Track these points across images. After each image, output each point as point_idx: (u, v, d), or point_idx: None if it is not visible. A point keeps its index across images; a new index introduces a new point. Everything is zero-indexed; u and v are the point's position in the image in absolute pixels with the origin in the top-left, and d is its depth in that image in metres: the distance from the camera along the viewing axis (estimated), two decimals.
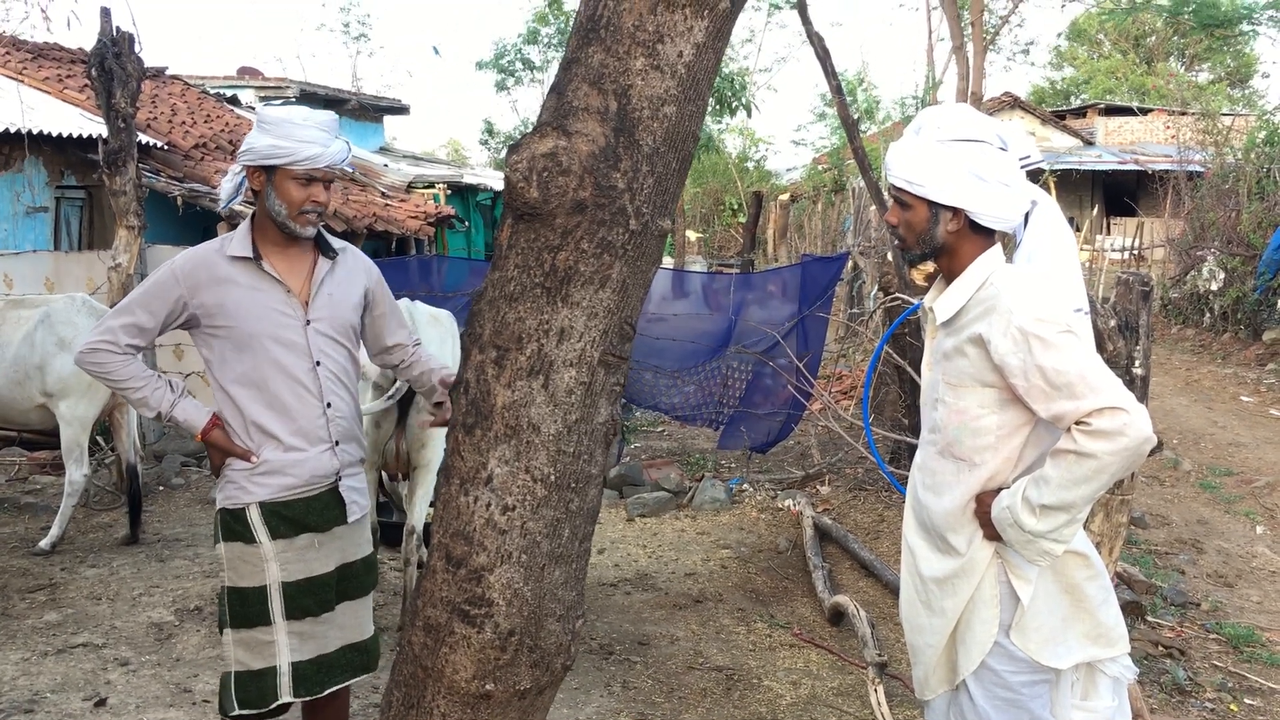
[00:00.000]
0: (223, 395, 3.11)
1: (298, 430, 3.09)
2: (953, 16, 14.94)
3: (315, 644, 3.15)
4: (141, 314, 3.06)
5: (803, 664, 4.87)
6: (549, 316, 2.09)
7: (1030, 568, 2.53)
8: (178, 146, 13.49)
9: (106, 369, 3.07)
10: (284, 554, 3.09)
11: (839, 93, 6.78)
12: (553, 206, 2.05)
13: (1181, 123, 21.00)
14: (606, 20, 2.10)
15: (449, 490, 2.20)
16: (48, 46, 15.74)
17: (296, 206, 3.04)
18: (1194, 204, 17.17)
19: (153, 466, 7.79)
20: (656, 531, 6.82)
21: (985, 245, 2.57)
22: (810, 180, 26.96)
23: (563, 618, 2.24)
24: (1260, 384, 12.63)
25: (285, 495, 3.10)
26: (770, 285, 8.56)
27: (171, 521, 6.85)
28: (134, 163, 6.95)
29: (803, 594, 5.74)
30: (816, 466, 7.82)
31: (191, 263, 3.06)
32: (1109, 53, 42.12)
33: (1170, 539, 7.16)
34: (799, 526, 6.59)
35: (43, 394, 6.13)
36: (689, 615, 5.40)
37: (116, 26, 6.85)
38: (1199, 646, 5.30)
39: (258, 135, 3.04)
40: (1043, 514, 2.39)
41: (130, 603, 5.35)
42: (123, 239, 7.05)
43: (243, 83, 22.20)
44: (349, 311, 3.21)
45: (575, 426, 2.14)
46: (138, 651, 4.75)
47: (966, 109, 2.62)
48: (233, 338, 3.06)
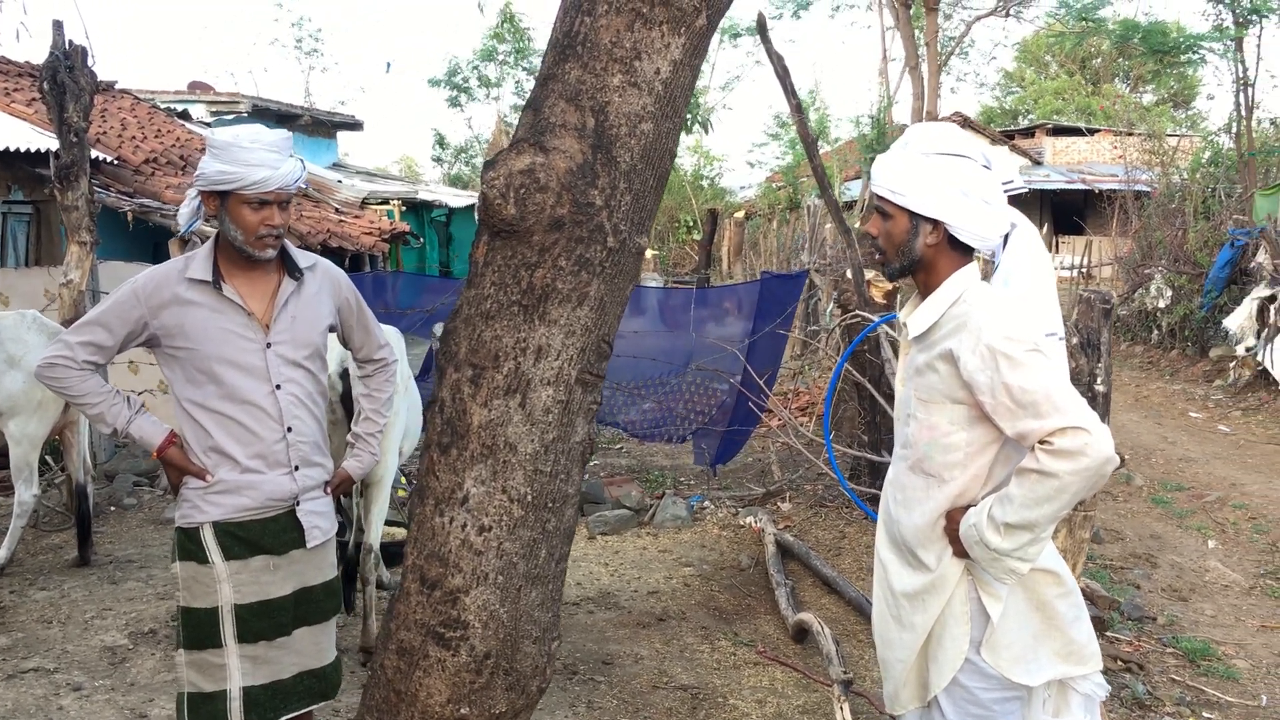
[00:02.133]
0: (182, 414, 3.06)
1: (256, 453, 3.05)
2: (907, 37, 15.11)
3: (270, 669, 3.09)
4: (101, 331, 3.01)
5: (768, 682, 4.85)
6: (526, 334, 2.07)
7: (1000, 585, 2.53)
8: (128, 161, 13.31)
9: (64, 384, 3.01)
10: (237, 575, 3.04)
11: (798, 111, 6.82)
12: (530, 224, 2.03)
13: (1128, 143, 21.38)
14: (584, 37, 2.09)
15: (423, 511, 2.16)
16: None
17: (252, 231, 2.99)
18: (1141, 223, 17.47)
19: (104, 486, 7.63)
20: (618, 549, 6.78)
21: (962, 262, 2.57)
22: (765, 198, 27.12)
23: (539, 639, 2.21)
24: (1208, 400, 12.83)
25: (240, 516, 3.05)
26: (729, 302, 8.57)
27: (124, 542, 6.72)
28: (86, 178, 6.83)
29: (766, 611, 5.73)
30: (777, 483, 7.83)
31: (153, 283, 3.01)
32: (1056, 74, 42.81)
33: (1125, 554, 7.23)
34: (761, 543, 6.58)
35: None
36: (653, 634, 5.37)
37: (69, 39, 6.74)
38: (1156, 660, 5.34)
39: (209, 160, 3.00)
40: (1007, 532, 2.39)
41: (82, 626, 5.23)
42: (74, 255, 6.92)
43: (194, 97, 21.97)
44: (314, 333, 3.16)
45: (553, 445, 2.12)
46: (91, 676, 4.64)
47: (953, 127, 2.64)
48: (192, 360, 3.01)
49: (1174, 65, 19.26)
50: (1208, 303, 14.39)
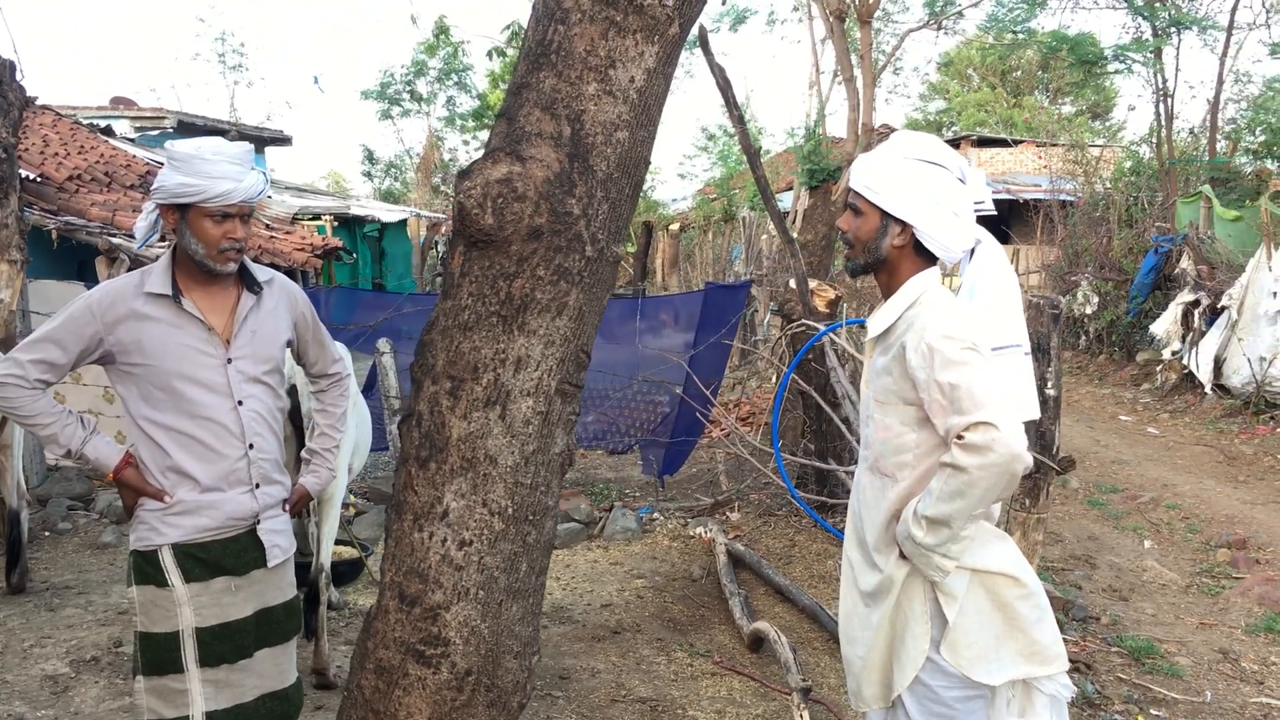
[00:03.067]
0: (139, 434, 2.98)
1: (217, 472, 2.98)
2: (842, 50, 15.28)
3: (232, 692, 3.02)
4: (54, 349, 2.91)
5: (725, 692, 4.85)
6: (505, 345, 2.05)
7: (956, 585, 2.57)
8: (51, 179, 13.00)
9: (14, 404, 2.91)
10: (198, 598, 2.96)
11: (740, 123, 6.86)
12: (508, 233, 2.01)
13: (1052, 153, 21.82)
14: (558, 45, 2.08)
15: (401, 527, 2.12)
16: None
17: (214, 245, 2.93)
18: (1067, 231, 17.82)
19: (37, 511, 7.41)
20: (569, 563, 6.74)
21: (923, 268, 2.63)
22: (700, 210, 27.24)
23: (520, 654, 2.18)
24: (1136, 403, 13.12)
25: (200, 537, 2.98)
26: (672, 313, 8.59)
27: (60, 568, 6.52)
28: (16, 194, 6.65)
29: (720, 621, 5.73)
30: (725, 493, 7.85)
31: (109, 298, 2.93)
32: (978, 86, 43.58)
33: (1064, 555, 7.35)
34: (712, 554, 6.59)
35: None
36: (608, 647, 5.34)
37: None
38: (1103, 660, 5.43)
39: (169, 173, 2.93)
40: (929, 527, 2.44)
41: (21, 655, 5.07)
42: (4, 274, 6.72)
43: (117, 113, 21.56)
44: (273, 348, 3.11)
45: (533, 458, 2.09)
46: (33, 706, 4.50)
47: (935, 140, 2.68)
48: (150, 376, 2.93)
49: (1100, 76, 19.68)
50: (1134, 308, 14.72)
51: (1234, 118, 18.86)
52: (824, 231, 10.86)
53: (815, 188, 11.72)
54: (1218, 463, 10.04)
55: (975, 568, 2.58)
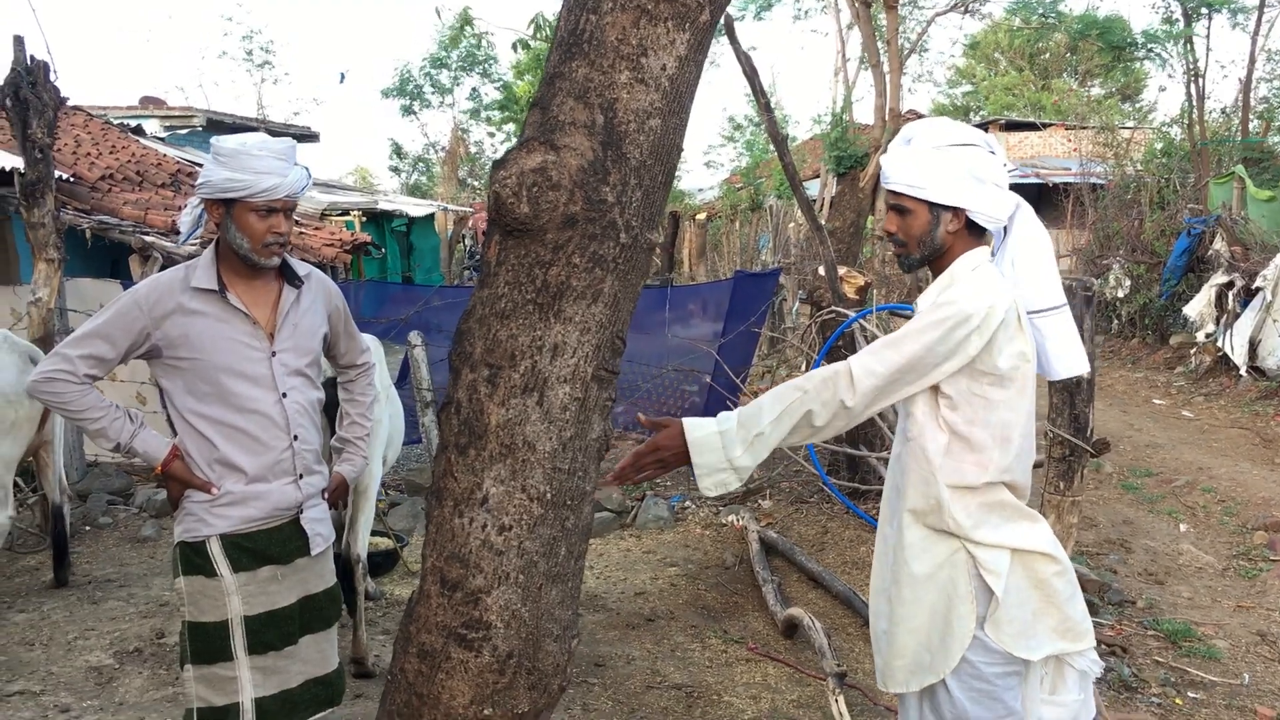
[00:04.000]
0: (185, 427, 3.02)
1: (263, 464, 3.03)
2: (868, 35, 15.22)
3: (278, 679, 3.08)
4: (102, 344, 2.96)
5: (760, 678, 4.87)
6: (542, 333, 2.07)
7: (1000, 563, 2.58)
8: (84, 178, 13.15)
9: (64, 399, 2.95)
10: (246, 587, 3.02)
11: (768, 110, 6.86)
12: (543, 222, 2.04)
13: (1081, 136, 21.63)
14: (589, 35, 2.10)
15: (441, 513, 2.16)
16: None
17: (259, 239, 2.97)
18: (1098, 214, 17.68)
19: (78, 506, 7.52)
20: (602, 552, 6.78)
21: (975, 244, 2.68)
22: (726, 199, 27.20)
23: (559, 638, 2.21)
24: (1170, 387, 13.01)
25: (247, 527, 3.03)
26: (702, 302, 8.60)
27: (101, 562, 6.63)
28: (52, 194, 6.75)
29: (754, 608, 5.75)
30: (756, 481, 7.86)
31: (156, 293, 2.97)
32: (1005, 70, 43.24)
33: (1099, 540, 7.33)
34: (744, 541, 6.61)
35: None
36: (642, 634, 5.38)
37: (31, 55, 6.65)
38: (1139, 643, 5.42)
39: (214, 168, 2.97)
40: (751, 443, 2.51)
41: (65, 647, 5.16)
42: (42, 273, 6.82)
43: (147, 112, 21.76)
44: (313, 340, 3.17)
45: (570, 443, 2.12)
46: (78, 697, 4.58)
47: (951, 121, 2.71)
48: (197, 370, 2.98)
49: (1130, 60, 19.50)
50: (1166, 291, 14.59)
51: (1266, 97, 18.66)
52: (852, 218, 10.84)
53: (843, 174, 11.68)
54: (1254, 445, 9.95)
55: (1015, 546, 2.61)
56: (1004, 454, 2.60)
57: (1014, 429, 2.61)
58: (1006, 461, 2.60)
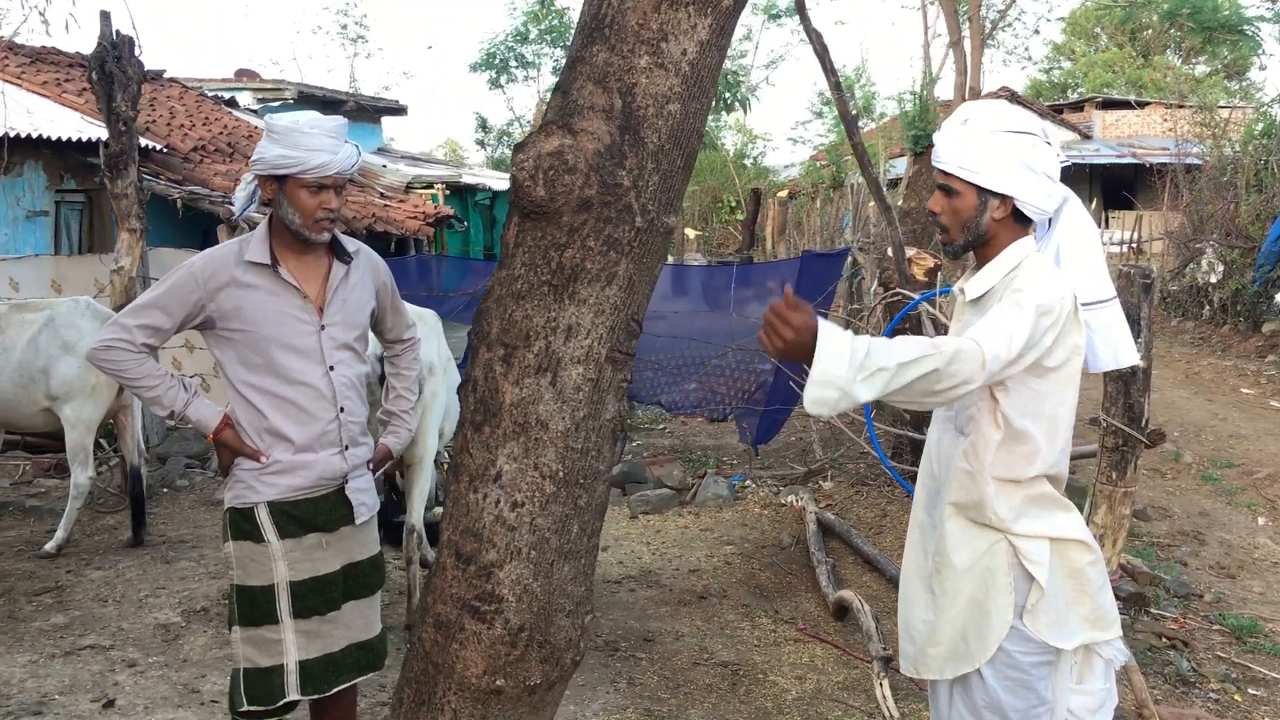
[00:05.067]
0: (236, 396, 3.12)
1: (310, 434, 3.11)
2: (949, 12, 14.93)
3: (322, 643, 3.17)
4: (158, 314, 3.06)
5: (808, 659, 4.88)
6: (556, 314, 2.11)
7: (1041, 552, 2.57)
8: (176, 149, 13.51)
9: (121, 367, 3.06)
10: (292, 553, 3.11)
11: (837, 89, 6.79)
12: (559, 204, 2.07)
13: (1179, 115, 20.99)
14: (611, 19, 2.12)
15: (458, 487, 2.21)
16: (46, 50, 15.73)
17: (310, 215, 3.05)
18: (1192, 197, 17.17)
19: (157, 468, 7.79)
20: (660, 529, 6.83)
21: (1021, 233, 2.64)
22: (809, 177, 26.97)
23: (572, 613, 2.25)
24: (1260, 376, 12.64)
25: (293, 495, 3.11)
26: (770, 281, 8.56)
27: (176, 523, 6.86)
28: (135, 166, 6.96)
29: (807, 589, 5.75)
30: (819, 462, 7.84)
31: (211, 265, 3.07)
32: (1106, 46, 42.11)
33: (1172, 531, 7.18)
34: (802, 522, 6.61)
35: (47, 397, 6.14)
36: (693, 611, 5.42)
37: (116, 30, 6.86)
38: (1202, 638, 5.31)
39: (267, 144, 3.05)
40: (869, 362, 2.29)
41: (137, 604, 5.37)
42: (125, 242, 7.06)
43: (240, 85, 22.23)
44: (361, 315, 3.24)
45: (583, 423, 2.16)
46: (145, 653, 4.77)
47: (1010, 105, 2.68)
48: (248, 341, 3.07)
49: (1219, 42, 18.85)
50: (1260, 277, 14.14)
51: None
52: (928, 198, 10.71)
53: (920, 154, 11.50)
54: None
55: (1054, 536, 2.59)
56: (1052, 447, 2.57)
57: (1061, 422, 2.58)
58: (1054, 455, 2.59)
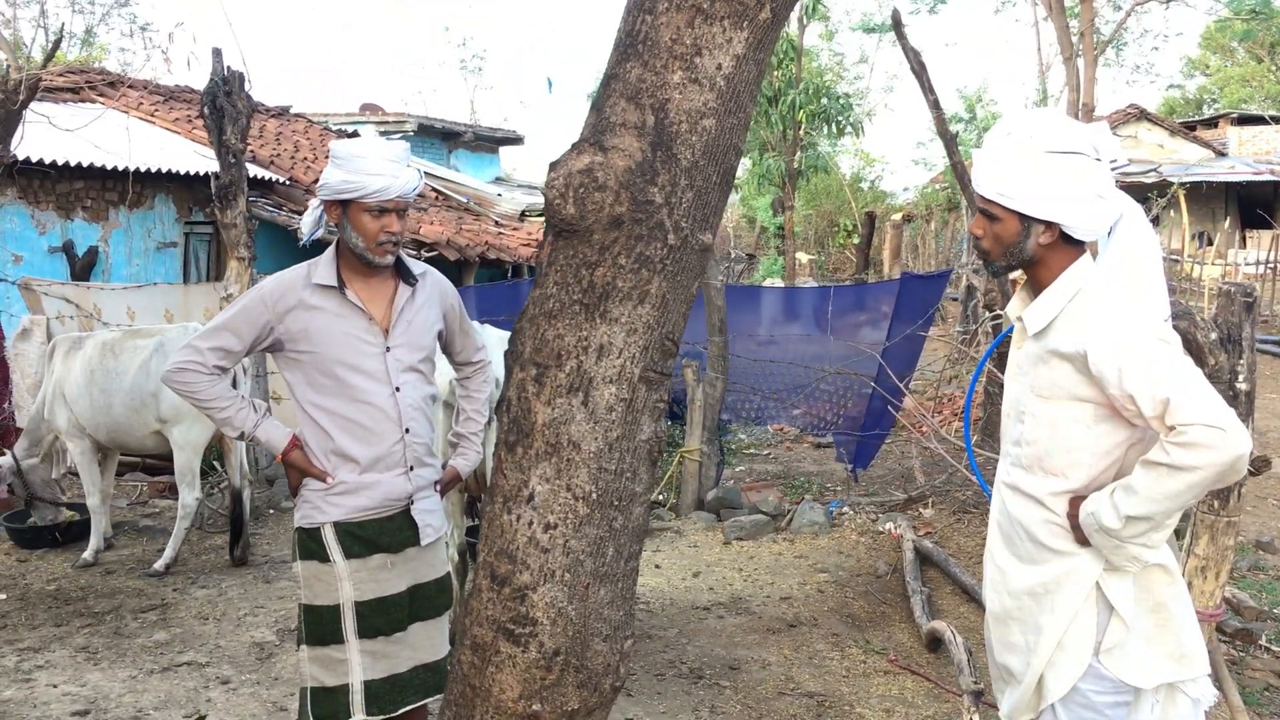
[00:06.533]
0: (304, 417, 3.18)
1: (376, 455, 3.14)
2: (1061, 27, 14.52)
3: (387, 663, 3.18)
4: (229, 337, 3.14)
5: (897, 691, 4.74)
6: (588, 333, 2.08)
7: (1125, 586, 2.44)
8: (299, 181, 13.95)
9: (193, 388, 3.14)
10: (357, 574, 3.13)
11: (936, 107, 6.67)
12: (589, 223, 2.04)
13: None
14: (644, 35, 2.10)
15: (493, 508, 2.20)
16: (179, 89, 16.46)
17: (372, 238, 3.09)
18: None
19: (264, 490, 8.00)
20: (753, 555, 6.73)
21: (1075, 255, 2.49)
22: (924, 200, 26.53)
23: (609, 638, 2.21)
24: None
25: (359, 516, 3.14)
26: (870, 304, 8.42)
27: (280, 544, 7.03)
28: (244, 196, 7.20)
29: (900, 619, 5.60)
30: (919, 489, 7.64)
31: (280, 288, 3.14)
32: (1243, 61, 40.56)
33: (1278, 559, 6.80)
34: (899, 550, 6.44)
35: (158, 420, 6.36)
36: (782, 640, 5.32)
37: (228, 66, 7.12)
38: None
39: (331, 170, 3.11)
40: (1128, 523, 2.31)
41: (235, 622, 5.50)
42: (234, 270, 7.30)
43: (363, 118, 22.88)
44: (427, 337, 3.27)
45: (617, 444, 2.12)
46: (239, 670, 4.87)
47: (1058, 115, 2.55)
48: (315, 363, 3.12)
49: None
50: None
51: None
52: None
53: None
54: None
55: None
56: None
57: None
58: None
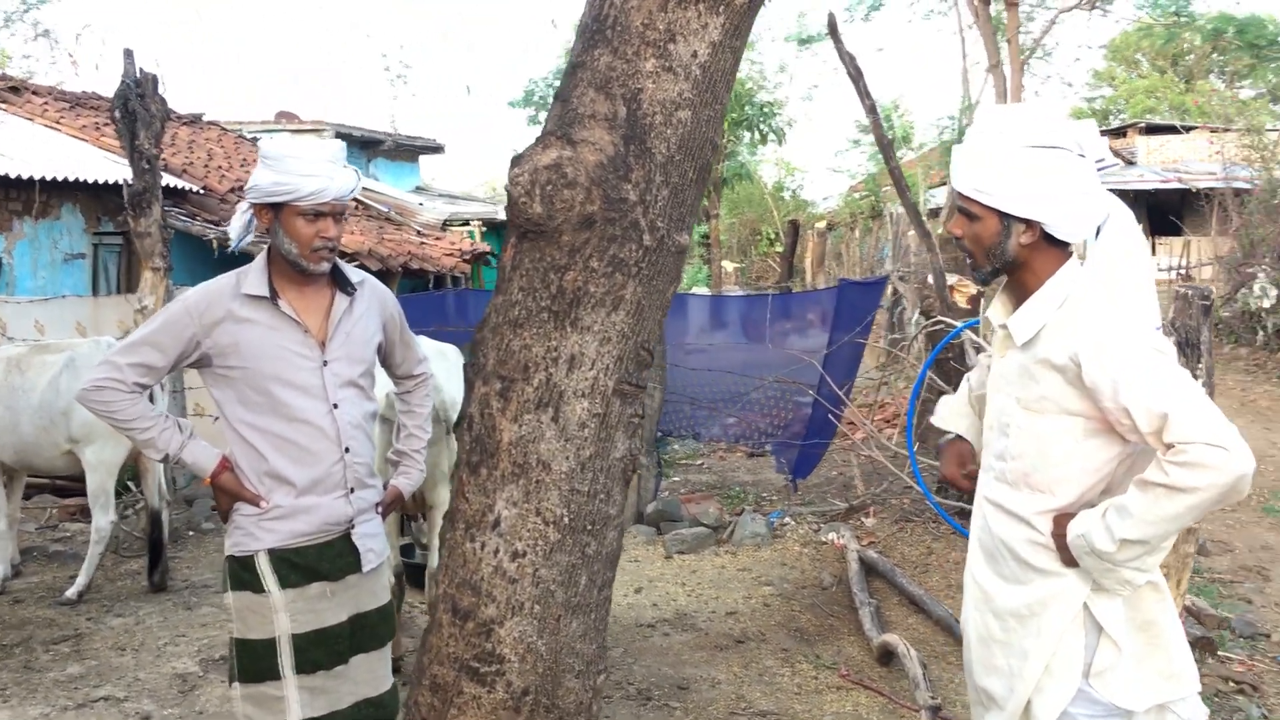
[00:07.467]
0: (235, 438, 2.95)
1: (313, 476, 2.93)
2: (988, 35, 14.68)
3: (328, 699, 2.97)
4: (151, 352, 2.91)
5: (851, 707, 4.62)
6: (557, 343, 1.91)
7: (1114, 606, 2.33)
8: (214, 190, 13.54)
9: (112, 408, 2.90)
10: (294, 604, 2.92)
11: (873, 112, 6.60)
12: (558, 222, 1.88)
13: (1226, 139, 20.56)
14: (613, 20, 1.94)
15: (454, 536, 2.01)
16: (86, 95, 15.91)
17: (307, 244, 2.88)
18: (1243, 221, 16.76)
19: (183, 511, 7.66)
20: (696, 569, 6.59)
21: (1060, 258, 2.36)
22: (847, 207, 26.74)
23: (582, 673, 2.04)
24: None
25: (295, 542, 2.93)
26: (807, 311, 8.36)
27: (201, 568, 6.71)
28: (159, 204, 6.89)
29: (849, 632, 5.49)
30: (860, 498, 7.57)
31: (206, 299, 2.91)
32: (1147, 72, 41.62)
33: (1235, 566, 6.85)
34: (843, 561, 6.35)
35: (69, 439, 6.02)
36: (731, 656, 5.18)
37: (140, 68, 6.80)
38: (1272, 680, 5.00)
39: (261, 171, 2.90)
40: (1123, 546, 2.18)
41: (155, 653, 5.20)
42: (148, 281, 6.97)
43: (279, 126, 22.37)
44: (367, 350, 3.06)
45: (590, 463, 1.95)
46: (160, 705, 4.59)
47: (1040, 108, 2.41)
48: (247, 379, 2.90)
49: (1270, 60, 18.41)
50: None
51: None
52: None
53: None
54: None
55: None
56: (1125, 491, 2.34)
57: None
58: None
